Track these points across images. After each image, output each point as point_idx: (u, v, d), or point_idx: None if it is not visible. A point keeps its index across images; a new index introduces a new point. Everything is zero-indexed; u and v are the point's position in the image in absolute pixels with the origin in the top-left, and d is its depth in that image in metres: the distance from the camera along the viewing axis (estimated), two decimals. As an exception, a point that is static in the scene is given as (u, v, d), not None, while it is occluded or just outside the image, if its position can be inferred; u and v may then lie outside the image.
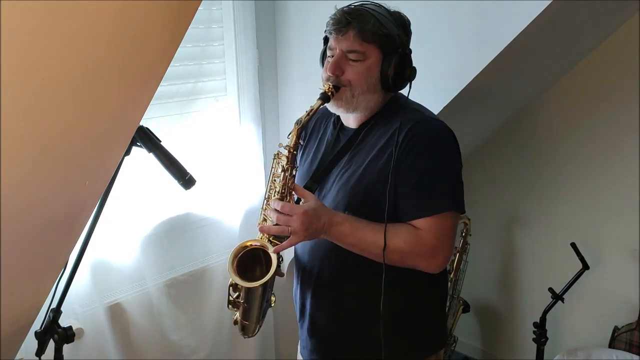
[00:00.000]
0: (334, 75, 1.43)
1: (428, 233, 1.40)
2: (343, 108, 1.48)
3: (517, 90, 2.52)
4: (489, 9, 1.86)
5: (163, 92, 2.12)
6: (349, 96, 1.44)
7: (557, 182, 2.74)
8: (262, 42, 2.38)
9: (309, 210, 1.37)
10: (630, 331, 2.49)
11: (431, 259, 1.43)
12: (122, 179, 1.33)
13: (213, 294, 2.36)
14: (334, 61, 1.43)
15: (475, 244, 2.78)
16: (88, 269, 1.96)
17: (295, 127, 1.44)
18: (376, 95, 1.47)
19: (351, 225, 1.40)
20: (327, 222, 1.39)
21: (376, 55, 1.43)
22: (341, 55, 1.43)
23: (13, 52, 0.85)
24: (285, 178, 1.43)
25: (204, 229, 2.36)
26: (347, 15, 1.41)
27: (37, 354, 1.44)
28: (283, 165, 1.43)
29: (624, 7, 2.15)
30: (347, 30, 1.41)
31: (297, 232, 1.36)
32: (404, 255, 1.41)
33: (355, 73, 1.43)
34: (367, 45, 1.41)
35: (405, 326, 1.54)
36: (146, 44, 1.06)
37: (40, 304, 1.45)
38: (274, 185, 1.46)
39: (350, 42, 1.41)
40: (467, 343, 3.15)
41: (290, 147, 1.44)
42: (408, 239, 1.40)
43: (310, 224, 1.36)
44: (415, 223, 1.41)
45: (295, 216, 1.36)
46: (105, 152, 1.21)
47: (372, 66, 1.43)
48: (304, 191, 1.44)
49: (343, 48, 1.42)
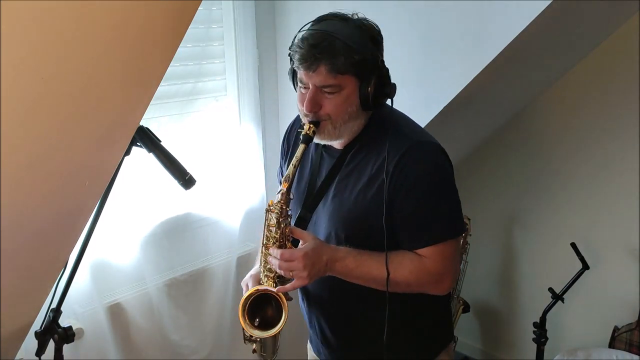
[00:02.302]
0: (312, 112, 1.37)
1: (432, 261, 1.39)
2: (327, 140, 1.43)
3: (516, 91, 2.52)
4: (488, 10, 1.86)
5: (163, 92, 2.12)
6: (331, 129, 1.39)
7: (557, 182, 2.74)
8: (262, 42, 2.38)
9: (309, 252, 1.35)
10: (630, 331, 2.49)
11: (438, 284, 1.44)
12: (122, 179, 1.33)
13: (213, 294, 2.36)
14: (309, 98, 1.35)
15: (475, 244, 2.78)
16: (88, 269, 1.96)
17: (285, 183, 1.38)
18: (358, 120, 1.41)
19: (355, 259, 1.38)
20: (329, 259, 1.37)
21: (352, 83, 1.34)
22: (315, 91, 1.35)
23: (13, 52, 0.85)
24: (282, 228, 1.39)
25: (204, 229, 2.36)
26: (315, 50, 1.30)
27: (37, 354, 1.44)
28: (277, 217, 1.39)
29: (624, 7, 2.15)
30: (318, 67, 1.31)
31: (301, 276, 1.35)
32: (410, 285, 1.41)
33: (334, 106, 1.35)
34: (342, 77, 1.32)
35: (414, 328, 1.55)
36: (146, 44, 1.06)
37: (40, 304, 1.45)
38: (270, 235, 1.42)
39: (323, 77, 1.32)
40: (467, 343, 3.15)
41: (282, 203, 1.38)
42: (413, 269, 1.39)
43: (313, 265, 1.34)
44: (419, 252, 1.40)
45: (296, 261, 1.34)
46: (105, 152, 1.21)
47: (350, 95, 1.35)
48: (302, 232, 1.42)
49: (316, 84, 1.34)
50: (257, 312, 1.44)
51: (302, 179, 1.55)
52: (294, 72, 1.43)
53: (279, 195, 1.40)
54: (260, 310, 1.45)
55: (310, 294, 1.59)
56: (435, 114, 2.08)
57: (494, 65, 1.92)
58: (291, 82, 1.47)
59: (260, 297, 1.43)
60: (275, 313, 1.42)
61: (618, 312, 2.59)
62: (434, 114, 2.08)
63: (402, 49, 2.03)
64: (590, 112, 2.60)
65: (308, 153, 1.55)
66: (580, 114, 2.63)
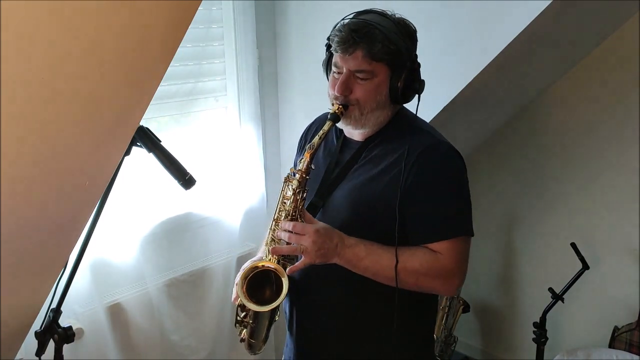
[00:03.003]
0: (342, 95, 1.40)
1: (446, 256, 1.40)
2: (352, 125, 1.45)
3: (516, 91, 2.52)
4: (489, 9, 1.86)
5: (163, 92, 2.12)
6: (358, 115, 1.42)
7: (557, 182, 2.74)
8: (262, 42, 2.39)
9: (321, 229, 1.35)
10: (630, 331, 2.49)
11: (448, 281, 1.43)
12: (122, 179, 1.33)
13: (213, 294, 2.36)
14: (341, 81, 1.39)
15: (475, 244, 2.76)
16: (88, 269, 1.97)
17: (309, 151, 1.39)
18: (385, 110, 1.44)
19: (366, 247, 1.38)
20: (339, 244, 1.36)
21: (385, 72, 1.39)
22: (349, 75, 1.39)
23: (13, 52, 0.85)
24: (296, 201, 1.39)
25: (204, 229, 2.36)
26: (355, 34, 1.35)
27: (37, 354, 1.44)
28: (294, 188, 1.40)
29: (624, 7, 2.15)
30: (355, 50, 1.35)
31: (309, 252, 1.34)
32: (419, 277, 1.40)
33: (364, 92, 1.39)
34: (376, 64, 1.37)
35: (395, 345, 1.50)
36: (146, 44, 1.06)
37: (40, 304, 1.45)
38: (284, 207, 1.42)
39: (359, 62, 1.36)
40: (467, 343, 3.15)
41: (303, 172, 1.39)
42: (424, 262, 1.39)
43: (323, 243, 1.34)
44: (433, 246, 1.40)
45: (307, 235, 1.33)
46: (105, 152, 1.21)
47: (381, 83, 1.39)
48: (312, 219, 1.41)
49: (351, 68, 1.38)
50: (255, 291, 1.41)
51: (319, 168, 1.54)
52: (328, 60, 1.47)
53: (300, 163, 1.40)
54: (258, 290, 1.42)
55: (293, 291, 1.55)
56: (436, 114, 2.08)
57: (494, 66, 1.92)
58: (324, 71, 1.51)
59: (261, 276, 1.40)
60: (273, 294, 1.40)
61: (618, 312, 2.59)
62: (434, 114, 2.08)
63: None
64: (590, 112, 2.60)
65: (327, 146, 1.57)
66: (581, 114, 2.63)
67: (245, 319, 1.47)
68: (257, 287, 1.41)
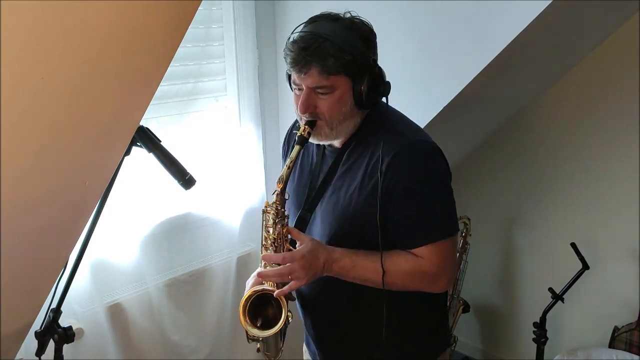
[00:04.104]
0: (306, 113, 1.39)
1: (428, 261, 1.39)
2: (324, 140, 1.45)
3: (516, 91, 2.52)
4: (486, 11, 1.86)
5: (163, 92, 2.12)
6: (328, 130, 1.41)
7: (557, 181, 2.74)
8: (262, 42, 2.38)
9: (306, 254, 1.36)
10: (630, 331, 2.49)
11: (434, 284, 1.44)
12: (122, 179, 1.33)
13: (213, 294, 2.36)
14: (302, 101, 1.38)
15: (475, 244, 2.78)
16: (88, 269, 1.96)
17: (279, 184, 1.40)
18: (354, 118, 1.42)
19: (351, 259, 1.40)
20: (327, 260, 1.38)
21: (345, 83, 1.36)
22: (309, 92, 1.37)
23: (13, 52, 0.85)
24: (278, 229, 1.42)
25: (204, 229, 2.36)
26: (304, 52, 1.32)
27: (37, 354, 1.44)
28: (273, 218, 1.42)
29: (624, 7, 2.15)
30: (310, 69, 1.33)
31: (299, 277, 1.36)
32: (406, 284, 1.41)
33: (328, 106, 1.37)
34: (334, 78, 1.34)
35: (407, 333, 1.54)
36: (146, 44, 1.06)
37: (40, 304, 1.45)
38: (268, 236, 1.44)
39: (315, 79, 1.34)
40: (467, 343, 3.15)
41: (277, 204, 1.41)
42: (408, 269, 1.39)
43: (310, 267, 1.36)
44: (414, 251, 1.40)
45: (295, 263, 1.35)
46: (105, 152, 1.21)
47: (343, 95, 1.37)
48: (299, 234, 1.43)
49: (309, 85, 1.36)
50: (259, 311, 1.45)
51: (302, 179, 1.56)
52: (289, 75, 1.45)
53: (274, 196, 1.42)
54: (262, 310, 1.46)
55: (304, 295, 1.59)
56: (435, 115, 2.08)
57: (493, 66, 1.92)
58: (288, 84, 1.49)
59: (262, 297, 1.44)
60: (276, 312, 1.43)
61: (618, 312, 2.59)
62: (433, 115, 2.08)
63: (401, 50, 2.03)
64: (590, 112, 2.60)
65: (309, 154, 1.57)
66: (581, 114, 2.63)
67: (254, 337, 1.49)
68: (260, 308, 1.45)
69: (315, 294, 1.56)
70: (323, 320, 1.60)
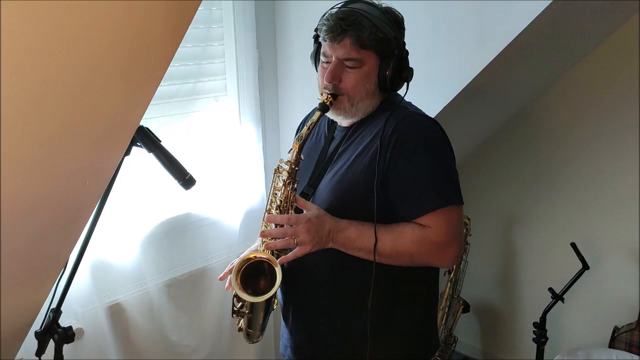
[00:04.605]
0: (332, 83, 1.40)
1: (436, 229, 1.37)
2: (342, 116, 1.46)
3: (517, 91, 2.52)
4: (490, 9, 1.86)
5: (163, 92, 2.12)
6: (348, 106, 1.42)
7: (557, 181, 2.74)
8: (262, 42, 2.39)
9: (313, 219, 1.36)
10: (630, 331, 2.49)
11: (443, 254, 1.41)
12: (122, 179, 1.33)
13: (213, 294, 2.36)
14: (330, 70, 1.39)
15: (475, 244, 2.77)
16: (88, 269, 1.96)
17: (297, 143, 1.40)
18: (374, 99, 1.44)
19: (356, 229, 1.38)
20: (332, 229, 1.37)
21: (373, 61, 1.39)
22: (338, 63, 1.39)
23: (13, 52, 0.85)
24: (287, 192, 1.41)
25: (204, 229, 2.36)
26: (342, 22, 1.35)
27: (37, 354, 1.44)
28: (284, 179, 1.41)
29: (624, 7, 2.15)
30: (343, 39, 1.36)
31: (304, 242, 1.35)
32: (413, 256, 1.39)
33: (353, 81, 1.39)
34: (364, 52, 1.37)
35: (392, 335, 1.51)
36: (146, 44, 1.06)
37: (40, 304, 1.45)
38: (275, 199, 1.43)
39: (347, 50, 1.37)
40: (467, 343, 3.14)
41: (292, 163, 1.41)
42: (415, 239, 1.37)
43: (316, 232, 1.35)
44: (421, 220, 1.38)
45: (300, 226, 1.34)
46: (105, 152, 1.21)
47: (369, 72, 1.40)
48: (306, 202, 1.42)
49: (339, 56, 1.38)
50: (251, 282, 1.42)
51: (312, 160, 1.55)
52: (316, 51, 1.47)
53: (290, 154, 1.42)
54: (253, 281, 1.43)
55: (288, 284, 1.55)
56: (436, 113, 2.07)
57: (494, 65, 1.92)
58: (313, 63, 1.51)
59: (255, 267, 1.41)
60: (267, 285, 1.40)
61: (618, 312, 2.59)
62: (435, 112, 2.07)
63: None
64: (590, 112, 2.59)
65: (318, 138, 1.57)
66: (580, 114, 2.62)
67: (241, 309, 1.48)
68: (252, 278, 1.43)
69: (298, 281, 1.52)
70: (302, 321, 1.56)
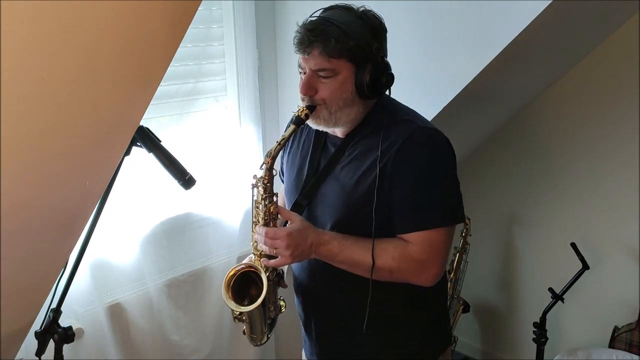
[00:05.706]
0: (307, 95, 1.40)
1: (417, 247, 1.38)
2: (323, 125, 1.45)
3: (516, 91, 2.52)
4: (489, 9, 1.86)
5: (163, 92, 2.12)
6: (327, 114, 1.41)
7: (557, 182, 2.74)
8: (262, 42, 2.39)
9: (293, 232, 1.36)
10: (630, 331, 2.49)
11: (420, 274, 1.41)
12: (122, 179, 1.33)
13: (213, 294, 2.36)
14: (304, 82, 1.39)
15: (475, 244, 2.78)
16: (88, 269, 1.96)
17: (267, 159, 1.41)
18: (355, 107, 1.42)
19: (339, 243, 1.39)
20: (315, 242, 1.38)
21: (347, 69, 1.37)
22: (311, 74, 1.39)
23: (13, 52, 0.85)
24: (266, 206, 1.43)
25: (204, 229, 2.36)
26: (310, 33, 1.35)
27: (37, 354, 1.44)
28: (261, 194, 1.43)
29: (624, 7, 2.15)
30: (312, 50, 1.35)
31: (284, 255, 1.37)
32: (392, 272, 1.40)
33: (328, 90, 1.38)
34: (336, 61, 1.35)
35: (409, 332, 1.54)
36: (146, 44, 1.06)
37: (40, 304, 1.45)
38: (258, 212, 1.45)
39: (317, 60, 1.36)
40: (467, 343, 3.15)
41: (265, 179, 1.42)
42: (396, 255, 1.38)
43: (297, 245, 1.36)
44: (406, 237, 1.39)
45: (279, 240, 1.36)
46: (105, 152, 1.21)
47: (345, 80, 1.38)
48: (290, 213, 1.44)
49: (311, 67, 1.38)
50: (245, 292, 1.45)
51: (303, 167, 1.56)
52: None
53: (261, 170, 1.43)
54: (247, 290, 1.46)
55: (305, 291, 1.59)
56: (436, 114, 2.08)
57: (494, 65, 1.92)
58: None
59: (247, 277, 1.44)
60: (258, 292, 1.42)
61: (618, 312, 2.59)
62: (434, 114, 2.08)
63: (403, 47, 2.02)
64: (590, 112, 2.60)
65: (305, 146, 1.57)
66: (581, 114, 2.63)
67: (239, 315, 1.50)
68: (248, 286, 1.45)
69: (314, 288, 1.55)
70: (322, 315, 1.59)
